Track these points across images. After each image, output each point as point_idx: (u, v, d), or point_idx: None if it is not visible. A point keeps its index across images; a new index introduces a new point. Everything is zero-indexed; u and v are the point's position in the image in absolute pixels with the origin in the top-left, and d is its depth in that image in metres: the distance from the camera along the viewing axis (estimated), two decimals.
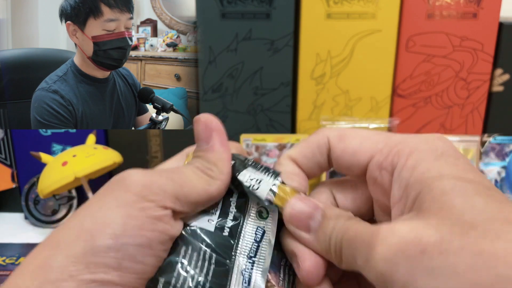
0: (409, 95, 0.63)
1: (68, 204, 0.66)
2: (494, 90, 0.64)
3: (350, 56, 0.61)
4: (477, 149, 0.65)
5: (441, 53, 0.61)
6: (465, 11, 0.60)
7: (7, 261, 0.58)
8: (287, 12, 0.60)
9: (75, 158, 0.58)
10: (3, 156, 0.68)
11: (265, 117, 0.65)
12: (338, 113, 0.64)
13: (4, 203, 0.70)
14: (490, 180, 0.66)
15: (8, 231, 0.66)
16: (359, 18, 0.60)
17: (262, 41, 0.61)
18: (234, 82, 0.63)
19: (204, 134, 0.25)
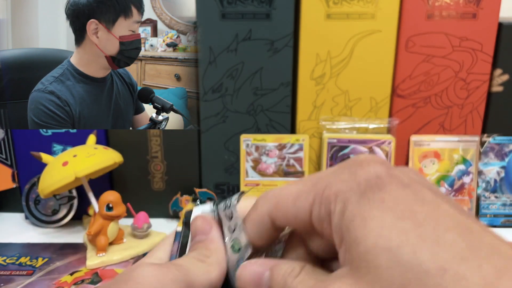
0: (408, 95, 0.64)
1: (68, 204, 0.66)
2: (493, 90, 0.64)
3: (349, 57, 0.62)
4: (476, 149, 0.65)
5: (441, 53, 0.61)
6: (465, 11, 0.60)
7: (7, 261, 0.58)
8: (287, 13, 0.60)
9: (75, 158, 0.58)
10: (3, 156, 0.68)
11: (265, 117, 0.65)
12: (337, 113, 0.64)
13: (5, 203, 0.70)
14: (490, 180, 0.66)
15: (8, 231, 0.66)
16: (359, 18, 0.60)
17: (262, 42, 0.61)
18: (234, 82, 0.63)
19: (204, 227, 0.26)
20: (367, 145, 0.63)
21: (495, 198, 0.66)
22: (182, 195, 0.67)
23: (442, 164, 0.65)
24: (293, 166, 0.66)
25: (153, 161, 0.67)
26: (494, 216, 0.66)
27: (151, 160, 0.67)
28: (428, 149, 0.65)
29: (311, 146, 0.66)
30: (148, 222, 0.62)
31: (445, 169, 0.65)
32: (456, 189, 0.66)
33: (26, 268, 0.57)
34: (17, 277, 0.55)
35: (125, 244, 0.61)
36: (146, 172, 0.68)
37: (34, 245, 0.62)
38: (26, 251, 0.61)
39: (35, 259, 0.59)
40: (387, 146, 0.63)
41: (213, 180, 0.68)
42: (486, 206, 0.66)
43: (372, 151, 0.64)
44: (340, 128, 0.64)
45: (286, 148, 0.65)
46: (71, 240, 0.63)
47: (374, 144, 0.63)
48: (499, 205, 0.67)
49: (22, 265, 0.57)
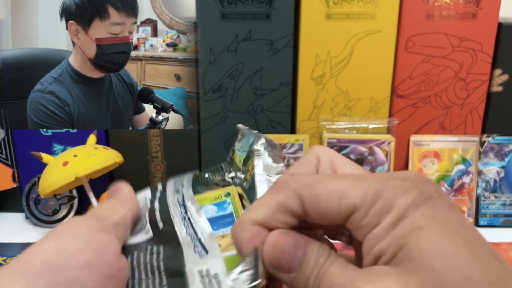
0: (408, 95, 0.64)
1: (69, 204, 0.66)
2: (493, 90, 0.64)
3: (349, 57, 0.62)
4: (476, 149, 0.65)
5: (441, 53, 0.62)
6: (464, 11, 0.60)
7: (8, 261, 0.58)
8: (287, 13, 0.60)
9: (76, 158, 0.58)
10: (4, 156, 0.68)
11: (265, 117, 0.65)
12: (337, 113, 0.64)
13: (5, 203, 0.71)
14: (489, 180, 0.66)
15: (9, 231, 0.66)
16: (359, 18, 0.60)
17: (262, 42, 0.61)
18: (234, 82, 0.63)
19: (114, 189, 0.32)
20: (367, 145, 0.64)
21: (495, 198, 0.67)
22: None
23: (441, 164, 0.65)
24: None
25: (153, 161, 0.68)
26: (494, 216, 0.67)
27: (151, 160, 0.67)
28: (427, 149, 0.65)
29: (311, 146, 0.66)
30: None
31: (445, 169, 0.65)
32: (456, 189, 0.66)
33: None
34: None
35: None
36: (147, 172, 0.68)
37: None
38: None
39: None
40: (387, 146, 0.63)
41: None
42: (485, 206, 0.66)
43: (372, 151, 0.64)
44: (340, 128, 0.64)
45: (286, 148, 0.65)
46: None
47: (374, 144, 0.63)
48: (498, 205, 0.67)
49: None
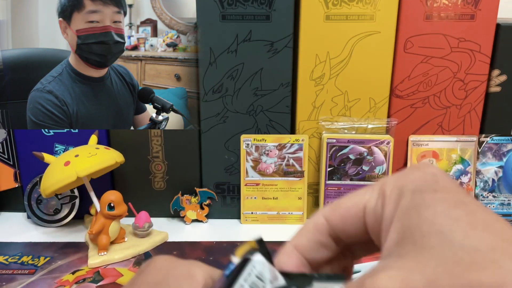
0: (407, 95, 0.64)
1: (70, 204, 0.67)
2: (491, 90, 0.64)
3: (349, 57, 0.62)
4: (474, 149, 0.66)
5: (439, 54, 0.62)
6: (463, 12, 0.60)
7: (9, 260, 0.58)
8: (286, 14, 0.61)
9: (77, 158, 0.58)
10: (5, 156, 0.68)
11: (265, 117, 0.65)
12: (337, 113, 0.65)
13: (7, 203, 0.71)
14: (488, 179, 0.67)
15: (10, 230, 0.66)
16: (358, 19, 0.60)
17: (262, 43, 0.62)
18: (234, 83, 0.64)
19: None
20: (366, 145, 0.64)
21: (493, 198, 0.67)
22: (183, 195, 0.68)
23: (440, 164, 0.66)
24: (293, 166, 0.66)
25: (154, 161, 0.68)
26: None
27: (152, 160, 0.68)
28: (426, 149, 0.66)
29: (310, 146, 0.66)
30: (149, 221, 0.63)
31: (444, 168, 0.66)
32: None
33: (28, 267, 0.57)
34: (19, 276, 0.55)
35: (127, 243, 0.62)
36: (147, 172, 0.68)
37: (36, 244, 0.63)
38: (28, 250, 0.61)
39: (37, 258, 0.59)
40: (386, 146, 0.64)
41: (213, 180, 0.68)
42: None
43: (371, 151, 0.64)
44: (339, 128, 0.65)
45: (286, 148, 0.66)
46: (72, 239, 0.64)
47: (373, 144, 0.64)
48: (497, 204, 0.67)
49: (24, 264, 0.58)
